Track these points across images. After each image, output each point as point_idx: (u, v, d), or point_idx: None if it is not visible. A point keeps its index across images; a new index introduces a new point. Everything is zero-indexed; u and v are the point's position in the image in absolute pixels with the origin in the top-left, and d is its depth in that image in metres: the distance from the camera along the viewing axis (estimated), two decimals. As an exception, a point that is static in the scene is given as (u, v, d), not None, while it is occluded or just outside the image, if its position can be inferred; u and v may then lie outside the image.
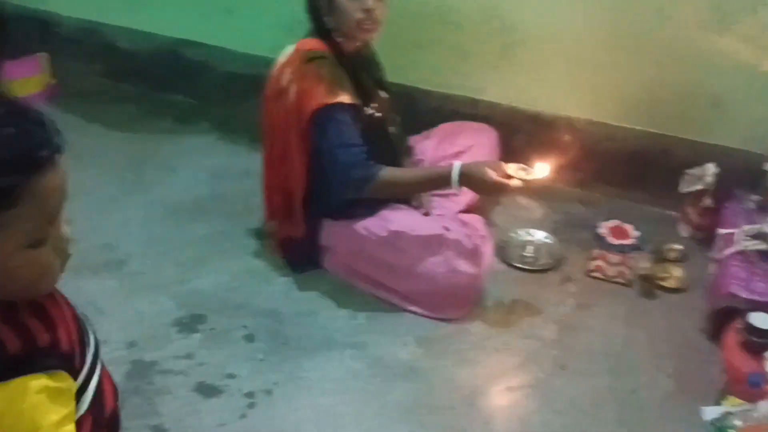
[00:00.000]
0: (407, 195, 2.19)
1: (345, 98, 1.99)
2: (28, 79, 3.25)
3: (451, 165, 1.96)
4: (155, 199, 2.61)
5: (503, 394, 1.85)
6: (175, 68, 3.27)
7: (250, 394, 1.81)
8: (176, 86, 3.32)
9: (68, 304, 0.94)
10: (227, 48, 3.11)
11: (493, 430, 1.73)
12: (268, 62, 2.18)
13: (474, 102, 2.72)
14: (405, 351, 1.96)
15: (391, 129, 2.22)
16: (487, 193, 2.10)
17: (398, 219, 2.11)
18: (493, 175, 1.91)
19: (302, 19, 2.07)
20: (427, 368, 1.91)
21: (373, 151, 2.03)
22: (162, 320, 2.05)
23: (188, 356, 1.93)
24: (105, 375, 1.03)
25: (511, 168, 1.95)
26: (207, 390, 1.82)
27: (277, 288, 2.19)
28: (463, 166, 1.95)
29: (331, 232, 2.16)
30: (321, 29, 2.03)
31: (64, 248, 0.86)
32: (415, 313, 2.08)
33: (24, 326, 0.81)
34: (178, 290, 2.16)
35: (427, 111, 2.72)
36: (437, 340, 2.00)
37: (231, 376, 1.86)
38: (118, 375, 1.86)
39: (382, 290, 2.12)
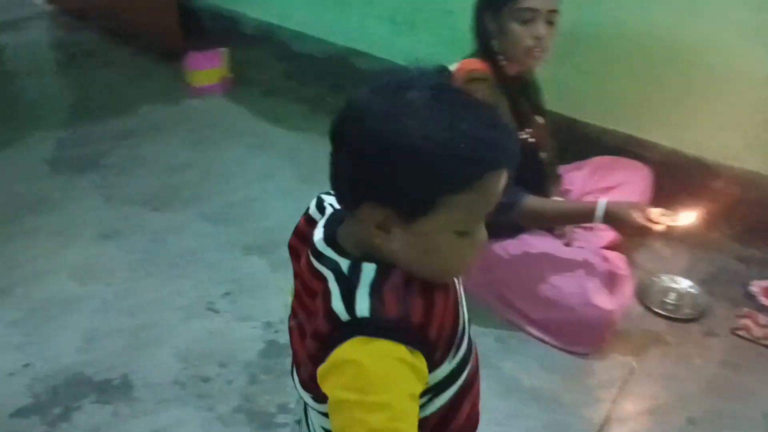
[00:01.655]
0: (549, 225, 2.18)
1: None
2: (209, 71, 3.54)
3: (596, 202, 1.94)
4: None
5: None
6: (345, 75, 3.43)
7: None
8: (346, 92, 3.46)
9: (457, 302, 0.97)
10: (391, 60, 3.22)
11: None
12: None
13: (630, 139, 2.65)
14: (529, 376, 1.95)
15: (543, 155, 2.21)
16: (629, 235, 2.09)
17: (538, 244, 2.10)
18: (637, 217, 1.86)
19: (467, 38, 2.11)
20: (553, 397, 1.89)
21: (522, 177, 2.01)
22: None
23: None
24: (468, 395, 1.02)
25: (656, 212, 1.89)
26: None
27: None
28: (608, 204, 1.92)
29: None
30: (486, 50, 2.05)
31: (479, 248, 0.90)
32: (542, 340, 2.06)
33: (408, 299, 0.86)
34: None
35: (586, 143, 2.67)
36: (564, 370, 1.97)
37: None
38: (253, 352, 2.01)
39: (512, 312, 2.11)
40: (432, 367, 0.88)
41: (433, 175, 0.80)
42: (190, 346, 2.05)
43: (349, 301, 0.83)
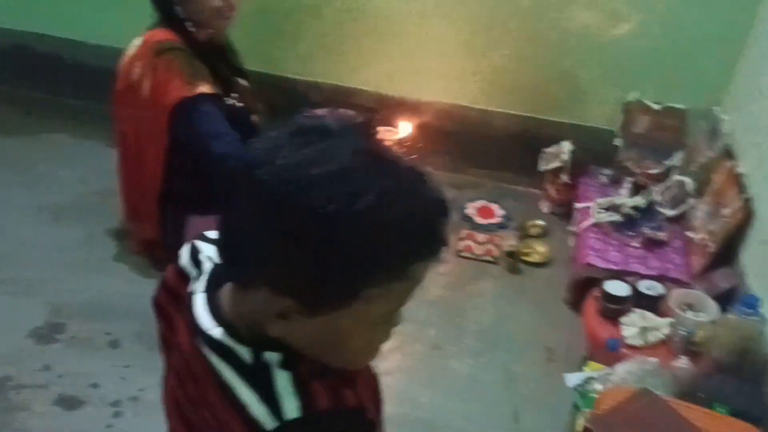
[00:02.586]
0: None
1: (205, 88, 1.92)
2: None
3: None
4: (15, 200, 2.44)
5: (382, 377, 1.85)
6: (27, 62, 3.05)
7: (115, 403, 1.72)
8: (29, 81, 3.09)
9: (375, 377, 0.88)
10: (76, 40, 2.93)
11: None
12: (117, 53, 2.07)
13: (339, 89, 2.71)
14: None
15: (254, 118, 2.16)
16: None
17: None
18: None
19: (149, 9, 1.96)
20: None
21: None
22: (16, 331, 1.91)
23: (46, 368, 1.82)
24: None
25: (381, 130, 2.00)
26: (69, 402, 1.72)
27: (141, 290, 2.07)
28: None
29: (198, 228, 2.08)
30: (170, 19, 1.94)
31: (392, 332, 0.78)
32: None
33: (335, 383, 0.73)
34: (34, 297, 2.03)
35: (295, 100, 2.68)
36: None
37: (94, 385, 1.77)
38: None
39: None
40: None
41: (360, 268, 0.66)
42: None
43: (272, 404, 0.70)
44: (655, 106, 2.32)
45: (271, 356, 0.72)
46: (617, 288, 1.84)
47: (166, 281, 0.89)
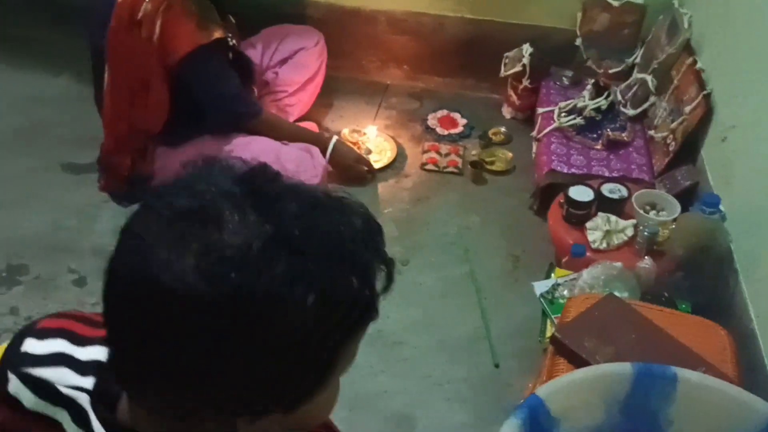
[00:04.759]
0: (278, 139, 2.10)
1: (218, 33, 1.92)
2: None
3: (331, 137, 2.16)
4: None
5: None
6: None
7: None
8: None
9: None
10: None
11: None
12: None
13: (287, 3, 2.59)
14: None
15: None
16: (348, 173, 2.20)
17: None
18: (359, 164, 2.18)
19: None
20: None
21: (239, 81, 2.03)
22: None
23: (12, 312, 1.80)
24: None
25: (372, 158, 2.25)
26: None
27: (106, 225, 2.04)
28: (337, 142, 2.15)
29: (166, 157, 2.02)
30: None
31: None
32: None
33: None
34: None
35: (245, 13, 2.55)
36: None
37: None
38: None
39: None
40: None
41: (328, 342, 0.57)
42: None
43: None
44: (614, 2, 2.26)
45: None
46: (581, 193, 1.84)
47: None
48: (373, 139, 2.36)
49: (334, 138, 2.17)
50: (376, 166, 2.25)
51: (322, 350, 0.57)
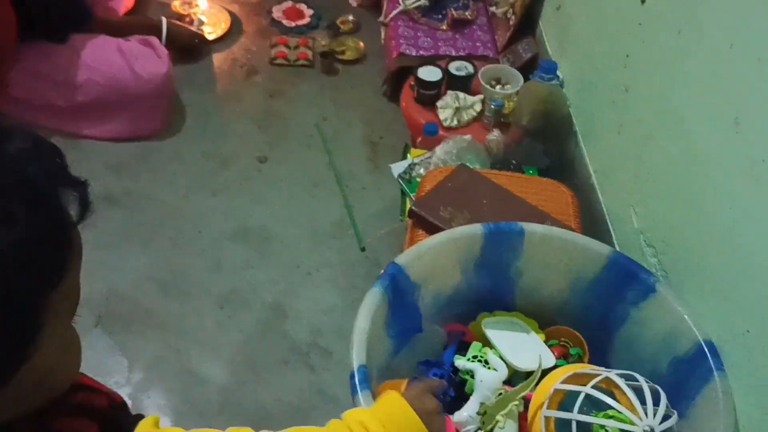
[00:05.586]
0: (117, 36, 1.99)
1: None
2: None
3: (160, 20, 2.10)
4: None
5: (209, 198, 1.83)
6: None
7: None
8: None
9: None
10: None
11: (211, 227, 1.74)
12: None
13: None
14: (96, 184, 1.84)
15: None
16: (183, 52, 2.16)
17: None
18: (193, 38, 2.17)
19: None
20: (127, 193, 1.82)
21: None
22: None
23: None
24: None
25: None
26: None
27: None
28: (168, 23, 2.10)
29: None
30: None
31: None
32: (98, 138, 1.93)
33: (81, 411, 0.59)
34: None
35: None
36: (130, 164, 1.90)
37: None
38: None
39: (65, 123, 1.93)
40: None
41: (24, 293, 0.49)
42: None
43: None
44: None
45: None
46: (430, 73, 1.87)
47: None
48: (205, 9, 2.33)
49: (164, 20, 2.11)
50: (211, 37, 2.25)
51: (6, 308, 0.47)
